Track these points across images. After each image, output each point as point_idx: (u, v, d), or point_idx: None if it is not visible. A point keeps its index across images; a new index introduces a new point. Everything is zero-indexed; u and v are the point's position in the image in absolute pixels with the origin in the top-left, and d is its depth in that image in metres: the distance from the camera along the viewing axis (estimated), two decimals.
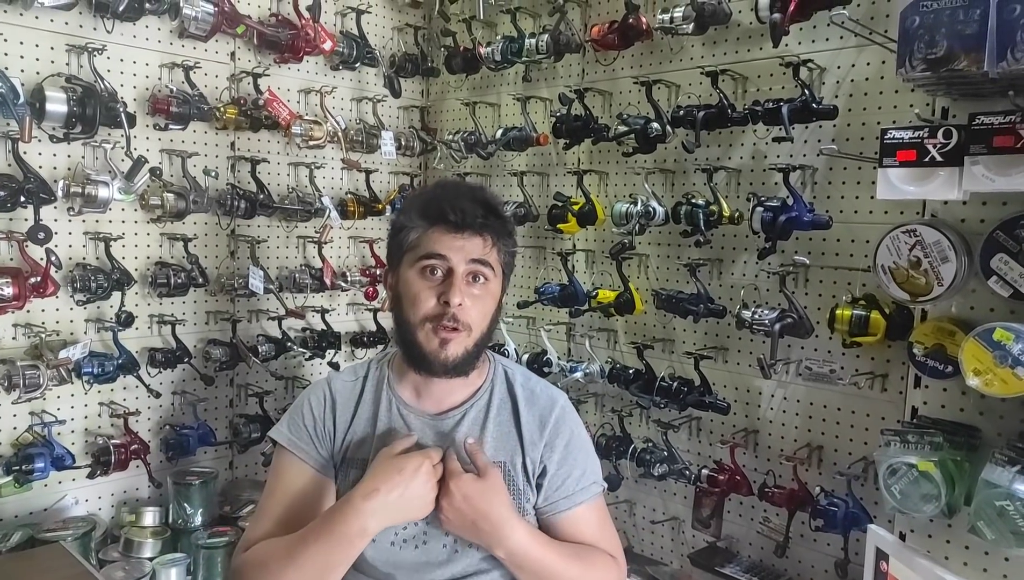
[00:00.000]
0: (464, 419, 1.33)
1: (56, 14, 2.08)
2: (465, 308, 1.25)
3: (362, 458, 1.31)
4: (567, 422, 1.37)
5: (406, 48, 2.90)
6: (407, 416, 1.34)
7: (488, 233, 1.28)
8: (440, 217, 1.26)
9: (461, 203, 1.26)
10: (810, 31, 1.90)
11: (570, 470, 1.34)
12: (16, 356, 2.07)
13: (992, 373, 1.43)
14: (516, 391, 1.37)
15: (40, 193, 2.00)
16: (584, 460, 1.36)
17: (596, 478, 1.37)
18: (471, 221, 1.26)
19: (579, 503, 1.33)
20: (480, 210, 1.27)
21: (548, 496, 1.32)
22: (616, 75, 2.37)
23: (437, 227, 1.27)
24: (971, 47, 1.33)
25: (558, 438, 1.34)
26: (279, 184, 2.61)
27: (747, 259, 2.07)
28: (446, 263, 1.25)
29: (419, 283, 1.27)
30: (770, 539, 2.01)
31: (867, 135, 1.82)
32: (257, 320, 2.58)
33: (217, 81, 2.44)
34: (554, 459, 1.33)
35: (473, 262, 1.26)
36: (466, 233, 1.26)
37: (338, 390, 1.38)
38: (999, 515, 1.41)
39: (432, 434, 1.32)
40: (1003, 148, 1.37)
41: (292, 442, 1.33)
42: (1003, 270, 1.44)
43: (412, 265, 1.28)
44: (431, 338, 1.25)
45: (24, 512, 2.12)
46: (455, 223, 1.25)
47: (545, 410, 1.36)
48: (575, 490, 1.33)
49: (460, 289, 1.24)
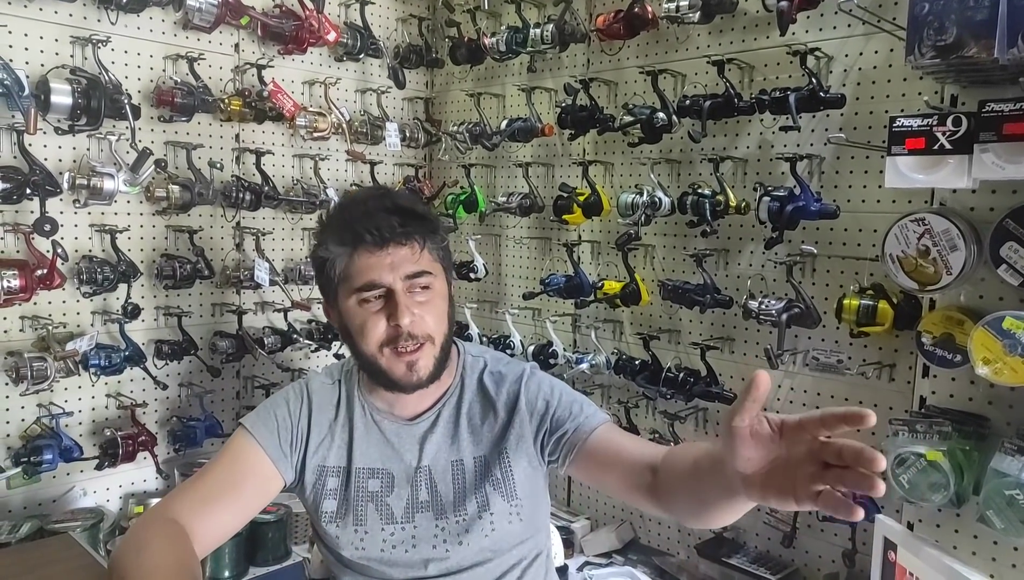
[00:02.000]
0: (439, 420, 1.30)
1: (60, 6, 2.08)
2: (418, 321, 1.20)
3: (337, 466, 1.29)
4: (536, 379, 1.32)
5: (410, 39, 2.89)
6: (380, 422, 1.31)
7: (412, 240, 1.20)
8: (358, 240, 1.19)
9: (374, 219, 1.19)
10: (817, 19, 1.89)
11: (570, 402, 1.29)
12: (23, 348, 2.07)
13: (1002, 362, 1.43)
14: (485, 379, 1.34)
15: (46, 185, 2.00)
16: (579, 397, 1.32)
17: (600, 411, 1.32)
18: (391, 234, 1.19)
19: (603, 421, 1.27)
20: (396, 219, 1.19)
21: (570, 423, 1.26)
22: (622, 65, 2.36)
23: (359, 251, 1.19)
24: (981, 34, 1.32)
25: (537, 395, 1.30)
26: (284, 176, 2.61)
27: (754, 249, 2.06)
28: (382, 287, 1.19)
29: (362, 313, 1.20)
30: (777, 529, 2.01)
31: (875, 123, 1.80)
32: (263, 312, 2.59)
33: (221, 73, 2.44)
34: (547, 404, 1.29)
35: (409, 277, 1.20)
36: (390, 248, 1.19)
37: (315, 391, 1.34)
38: (1008, 504, 1.41)
39: (407, 439, 1.30)
40: (1013, 135, 1.36)
41: (255, 426, 1.28)
42: (1012, 258, 1.43)
43: (349, 296, 1.21)
44: (395, 363, 1.21)
45: (33, 503, 2.13)
46: (375, 242, 1.19)
47: (513, 384, 1.32)
48: (591, 412, 1.28)
49: (406, 307, 1.18)
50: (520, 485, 1.29)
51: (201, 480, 1.24)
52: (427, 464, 1.29)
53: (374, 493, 1.28)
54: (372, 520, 1.27)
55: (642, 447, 1.22)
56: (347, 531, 1.27)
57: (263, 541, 2.17)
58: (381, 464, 1.29)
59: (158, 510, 1.21)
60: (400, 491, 1.28)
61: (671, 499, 1.12)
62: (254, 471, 1.25)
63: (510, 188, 2.69)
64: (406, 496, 1.28)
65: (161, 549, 1.12)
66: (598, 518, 2.52)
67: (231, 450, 1.28)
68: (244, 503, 1.25)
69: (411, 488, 1.28)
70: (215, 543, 1.24)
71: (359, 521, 1.27)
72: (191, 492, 1.23)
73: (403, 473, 1.29)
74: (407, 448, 1.30)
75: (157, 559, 1.10)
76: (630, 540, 2.39)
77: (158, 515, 1.19)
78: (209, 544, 1.21)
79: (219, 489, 1.23)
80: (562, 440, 1.26)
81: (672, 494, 1.11)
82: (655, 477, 1.14)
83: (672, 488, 1.11)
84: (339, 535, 1.27)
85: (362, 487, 1.28)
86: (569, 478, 2.61)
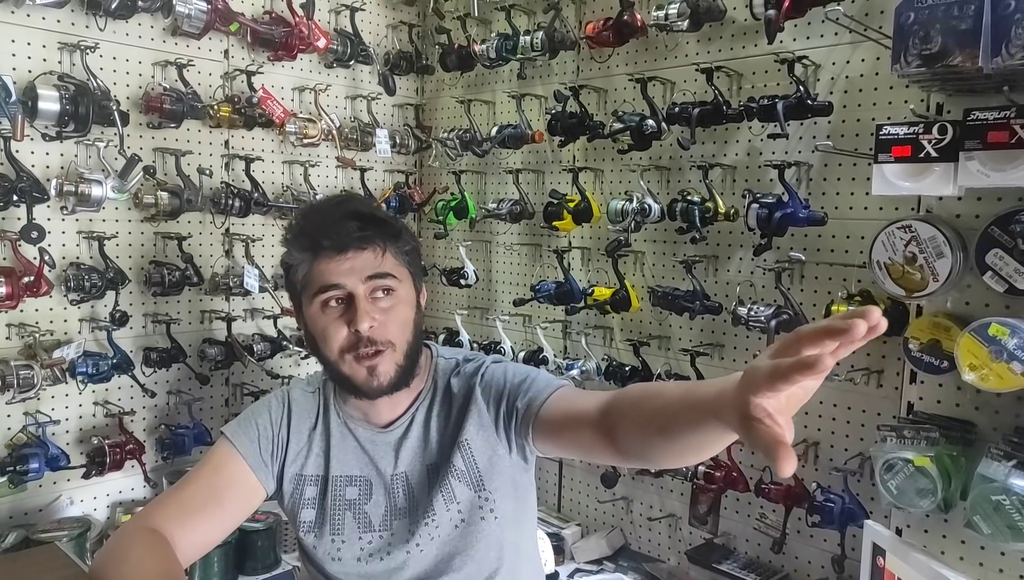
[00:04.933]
0: (412, 425, 1.30)
1: (48, 12, 2.07)
2: (379, 326, 1.19)
3: (315, 474, 1.29)
4: (491, 369, 1.30)
5: (400, 46, 2.89)
6: (355, 430, 1.31)
7: (372, 244, 1.20)
8: (317, 246, 1.20)
9: (332, 224, 1.20)
10: (805, 27, 1.90)
11: (521, 380, 1.25)
12: (10, 356, 2.05)
13: (988, 368, 1.44)
14: (452, 380, 1.32)
15: (33, 192, 1.98)
16: (532, 372, 1.28)
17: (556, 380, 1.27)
18: (348, 239, 1.19)
19: (556, 387, 1.22)
20: (354, 224, 1.20)
21: (521, 400, 1.23)
22: (611, 72, 2.37)
23: (319, 257, 1.20)
24: (966, 43, 1.33)
25: (491, 382, 1.27)
26: (273, 182, 2.60)
27: (743, 256, 2.07)
28: (343, 290, 1.19)
29: (323, 318, 1.20)
30: (767, 535, 2.02)
31: (862, 131, 1.82)
32: (252, 319, 2.58)
33: (211, 79, 2.43)
34: (501, 389, 1.26)
35: (370, 279, 1.19)
36: (349, 253, 1.19)
37: (296, 399, 1.33)
38: (995, 510, 1.42)
39: (382, 446, 1.30)
40: (998, 143, 1.37)
41: (236, 435, 1.27)
42: (998, 265, 1.45)
43: (311, 301, 1.21)
44: (356, 369, 1.20)
45: (19, 513, 2.11)
46: (334, 247, 1.19)
47: (471, 377, 1.30)
48: (543, 385, 1.23)
49: (365, 312, 1.18)
50: (487, 476, 1.26)
51: (183, 490, 1.23)
52: (403, 470, 1.29)
53: (352, 501, 1.27)
54: (349, 529, 1.26)
55: (595, 397, 1.13)
56: (324, 541, 1.27)
57: (252, 549, 2.16)
58: (359, 471, 1.29)
59: (139, 520, 1.20)
60: (378, 498, 1.28)
61: (626, 428, 1.03)
62: (236, 482, 1.25)
63: (500, 194, 2.69)
64: (384, 503, 1.27)
65: (144, 558, 1.11)
66: (588, 524, 2.51)
67: (213, 459, 1.26)
68: (226, 514, 1.24)
69: (388, 495, 1.28)
70: (197, 554, 1.23)
71: (336, 530, 1.27)
72: (172, 502, 1.22)
73: (379, 480, 1.28)
74: (382, 455, 1.29)
75: (141, 566, 1.09)
76: (621, 547, 2.39)
77: (139, 525, 1.18)
78: (191, 555, 1.20)
79: (201, 500, 1.22)
80: (518, 418, 1.23)
81: (632, 426, 1.02)
82: (606, 418, 1.07)
83: (631, 418, 1.02)
84: (316, 545, 1.27)
85: (340, 495, 1.28)
86: (560, 484, 2.61)
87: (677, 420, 0.91)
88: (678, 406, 0.92)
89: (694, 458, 1.00)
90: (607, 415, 1.07)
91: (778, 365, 0.66)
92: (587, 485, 2.52)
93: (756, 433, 0.68)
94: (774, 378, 0.66)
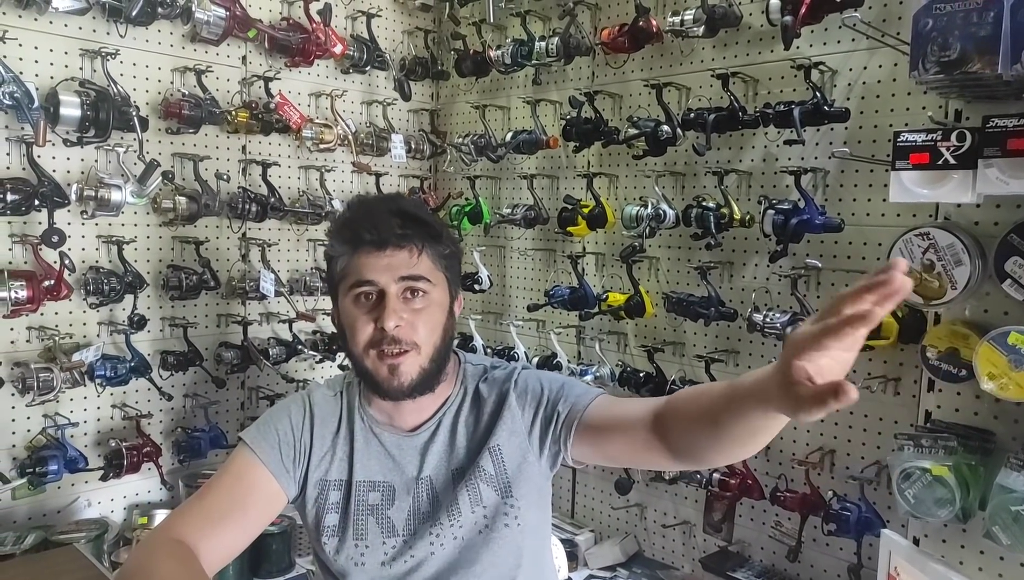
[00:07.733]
0: (439, 429, 1.30)
1: (70, 19, 2.10)
2: (406, 327, 1.19)
3: (339, 479, 1.29)
4: (525, 375, 1.32)
5: (416, 51, 2.91)
6: (381, 434, 1.30)
7: (411, 244, 1.21)
8: (358, 239, 1.21)
9: (376, 219, 1.21)
10: (821, 33, 1.90)
11: (560, 386, 1.28)
12: (30, 359, 2.08)
13: (1007, 377, 1.43)
14: (480, 386, 1.33)
15: (54, 197, 2.01)
16: (570, 380, 1.31)
17: (593, 388, 1.31)
18: (389, 236, 1.20)
19: (596, 394, 1.25)
20: (397, 221, 1.21)
21: (563, 405, 1.25)
22: (626, 78, 2.37)
23: (359, 251, 1.21)
24: (985, 49, 1.32)
25: (527, 389, 1.29)
26: (290, 187, 2.62)
27: (758, 262, 2.06)
28: (376, 286, 1.20)
29: (355, 312, 1.21)
30: (782, 543, 2.00)
31: (879, 138, 1.81)
32: (268, 323, 2.59)
33: (228, 85, 2.46)
34: (538, 395, 1.28)
35: (404, 279, 1.20)
36: (388, 249, 1.20)
37: (317, 403, 1.33)
38: (1014, 520, 1.40)
39: (408, 450, 1.30)
40: (1017, 151, 1.36)
41: (256, 441, 1.27)
42: (1017, 273, 1.43)
43: (346, 294, 1.22)
44: (379, 366, 1.21)
45: (38, 514, 2.13)
46: (374, 242, 1.20)
47: (504, 383, 1.31)
48: (582, 391, 1.26)
49: (394, 311, 1.18)
50: (515, 482, 1.26)
51: (205, 499, 1.23)
52: (428, 474, 1.29)
53: (374, 506, 1.27)
54: (373, 534, 1.27)
55: (643, 402, 1.18)
56: (347, 545, 1.27)
57: (267, 553, 2.17)
58: (382, 477, 1.29)
59: (163, 530, 1.20)
60: (401, 503, 1.27)
61: (680, 427, 1.07)
62: (258, 488, 1.25)
63: (515, 200, 2.69)
64: (407, 508, 1.27)
65: (172, 571, 1.11)
66: (602, 531, 2.51)
67: (234, 467, 1.27)
68: (250, 521, 1.25)
69: (412, 499, 1.28)
70: (222, 562, 1.23)
71: (359, 535, 1.27)
72: (196, 511, 1.22)
73: (404, 485, 1.28)
74: (408, 459, 1.29)
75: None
76: (635, 553, 2.38)
77: (164, 536, 1.18)
78: (216, 564, 1.21)
79: (224, 508, 1.22)
80: (559, 423, 1.24)
81: (684, 423, 1.06)
82: (661, 419, 1.10)
83: (683, 417, 1.06)
84: (339, 550, 1.27)
85: (363, 500, 1.28)
86: (574, 490, 2.60)
87: (724, 413, 0.95)
88: (724, 400, 0.96)
89: (743, 450, 1.02)
90: (662, 416, 1.11)
91: (827, 323, 0.70)
92: (601, 491, 2.52)
93: (801, 392, 0.73)
94: (824, 335, 0.70)
